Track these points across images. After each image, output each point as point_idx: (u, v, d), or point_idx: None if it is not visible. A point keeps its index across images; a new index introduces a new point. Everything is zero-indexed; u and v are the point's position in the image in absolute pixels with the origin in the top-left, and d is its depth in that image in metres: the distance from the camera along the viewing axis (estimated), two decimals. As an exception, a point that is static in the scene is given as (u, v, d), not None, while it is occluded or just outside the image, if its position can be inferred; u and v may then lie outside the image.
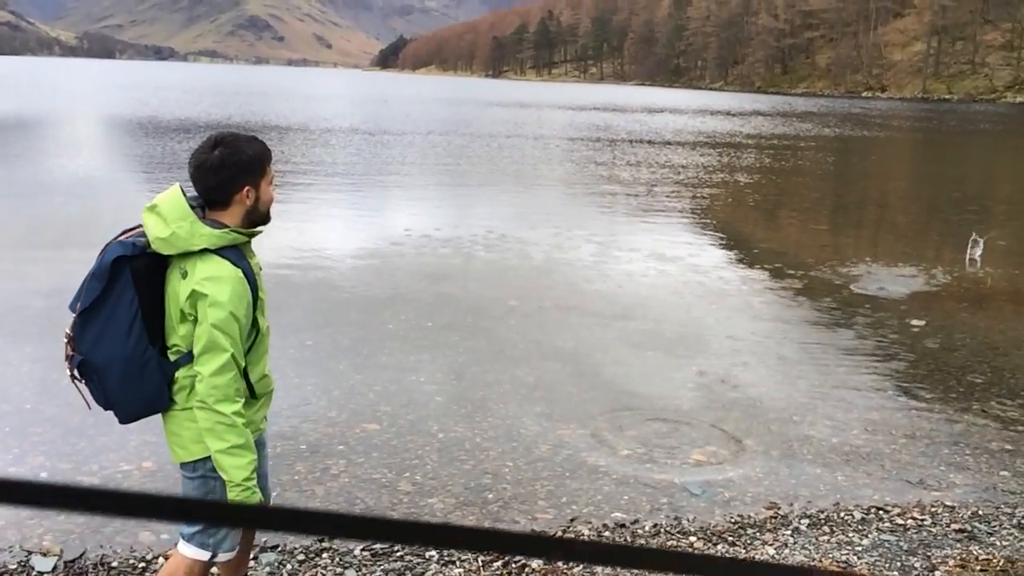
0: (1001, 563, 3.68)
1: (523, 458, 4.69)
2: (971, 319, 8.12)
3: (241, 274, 2.47)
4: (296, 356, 6.09)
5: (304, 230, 10.86)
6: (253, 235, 2.59)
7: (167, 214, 2.44)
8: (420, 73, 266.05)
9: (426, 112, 43.53)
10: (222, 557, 2.65)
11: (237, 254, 2.51)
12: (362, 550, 3.65)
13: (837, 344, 7.17)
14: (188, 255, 2.46)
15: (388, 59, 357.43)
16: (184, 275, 2.48)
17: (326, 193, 14.29)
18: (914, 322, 7.81)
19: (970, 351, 7.04)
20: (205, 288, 2.42)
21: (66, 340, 2.51)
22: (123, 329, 2.44)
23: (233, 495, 2.45)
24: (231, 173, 2.47)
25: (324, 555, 3.58)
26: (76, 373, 2.50)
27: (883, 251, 11.61)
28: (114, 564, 3.44)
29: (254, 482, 2.48)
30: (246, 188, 2.51)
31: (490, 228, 11.86)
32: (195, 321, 2.46)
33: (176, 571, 2.64)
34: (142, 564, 3.45)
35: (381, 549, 3.66)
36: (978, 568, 3.62)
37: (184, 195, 2.50)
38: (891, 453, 5.02)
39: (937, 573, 3.54)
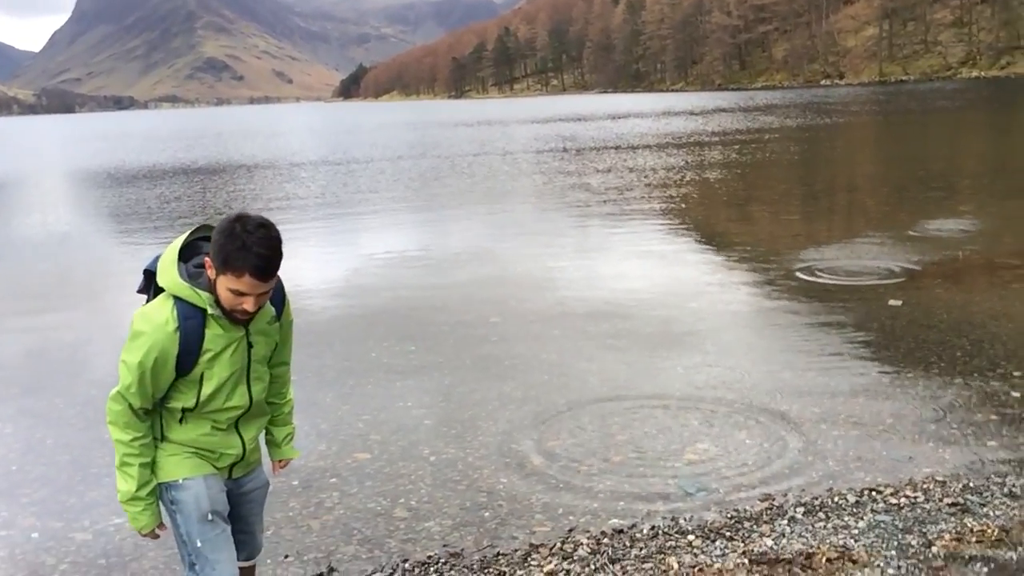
0: (996, 533, 3.72)
1: (516, 474, 4.69)
2: (947, 294, 8.22)
3: (173, 328, 2.44)
4: (281, 393, 6.05)
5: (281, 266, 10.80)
6: (210, 304, 2.48)
7: (167, 250, 2.56)
8: (383, 100, 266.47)
9: (393, 138, 43.58)
10: None
11: (191, 311, 2.47)
12: (363, 581, 3.63)
13: (818, 331, 7.23)
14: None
15: (350, 89, 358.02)
16: None
17: (300, 227, 14.26)
18: (891, 302, 7.89)
19: (948, 326, 7.12)
20: (134, 319, 2.50)
21: None
22: None
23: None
24: (211, 239, 2.46)
25: (325, 589, 3.56)
26: None
27: (855, 235, 11.73)
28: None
29: (137, 508, 2.56)
30: (208, 261, 2.46)
31: (466, 247, 11.89)
32: None
33: None
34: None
35: (382, 578, 3.65)
36: (974, 540, 3.65)
37: (187, 242, 2.57)
38: (880, 434, 5.06)
39: (934, 549, 3.57)
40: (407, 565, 3.78)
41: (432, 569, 3.73)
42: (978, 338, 6.75)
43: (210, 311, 2.48)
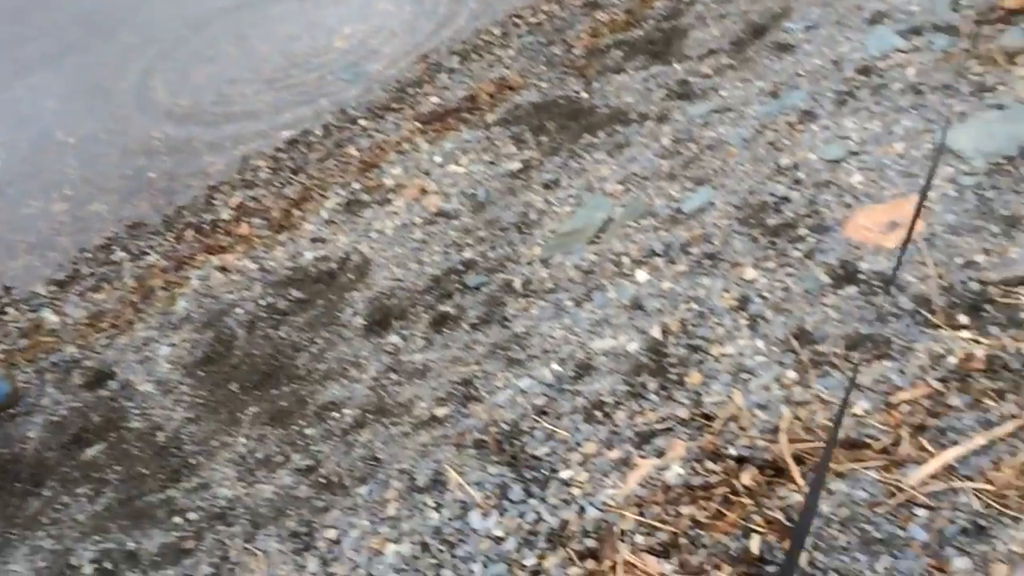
0: (624, 17, 3.99)
1: (168, 123, 4.32)
2: None
3: None
4: None
5: None
6: None
7: None
8: None
9: None
10: None
11: None
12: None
13: None
14: None
15: None
16: None
17: None
18: None
19: None
20: None
21: None
22: None
23: None
24: None
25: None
26: None
27: None
28: None
29: None
30: None
31: None
32: None
33: None
34: None
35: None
36: (606, 31, 3.90)
37: None
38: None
39: (575, 50, 3.79)
40: (87, 254, 3.52)
41: (116, 246, 3.51)
42: None
43: None
